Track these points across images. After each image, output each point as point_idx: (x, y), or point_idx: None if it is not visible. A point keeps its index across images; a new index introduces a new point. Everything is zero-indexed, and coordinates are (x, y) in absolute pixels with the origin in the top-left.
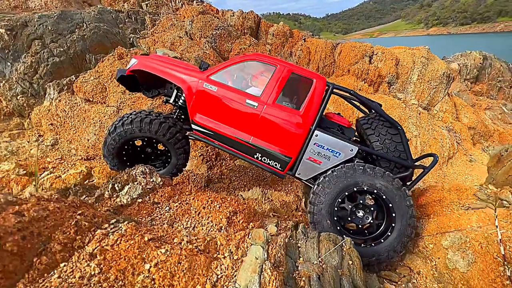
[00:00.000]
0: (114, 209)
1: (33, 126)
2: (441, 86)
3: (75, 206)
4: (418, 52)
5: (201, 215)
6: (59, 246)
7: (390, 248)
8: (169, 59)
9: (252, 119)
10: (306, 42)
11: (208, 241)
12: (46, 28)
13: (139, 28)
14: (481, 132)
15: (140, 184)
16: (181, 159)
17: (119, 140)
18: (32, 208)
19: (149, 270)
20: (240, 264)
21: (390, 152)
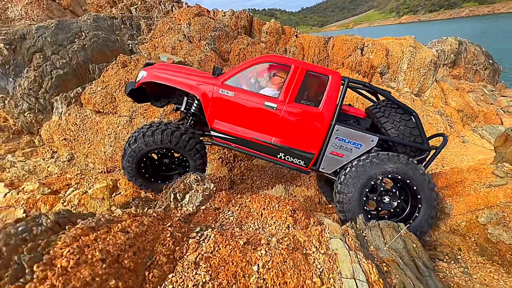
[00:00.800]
0: (184, 218)
1: (45, 142)
2: (429, 73)
3: (160, 219)
4: (405, 41)
5: (264, 216)
6: (164, 258)
7: (418, 228)
8: (177, 66)
9: (272, 120)
10: (298, 38)
11: (291, 239)
12: (46, 40)
13: (135, 34)
14: (468, 114)
15: (198, 192)
16: (200, 167)
17: (139, 151)
18: (133, 224)
19: (258, 271)
20: (336, 257)
21: (406, 137)
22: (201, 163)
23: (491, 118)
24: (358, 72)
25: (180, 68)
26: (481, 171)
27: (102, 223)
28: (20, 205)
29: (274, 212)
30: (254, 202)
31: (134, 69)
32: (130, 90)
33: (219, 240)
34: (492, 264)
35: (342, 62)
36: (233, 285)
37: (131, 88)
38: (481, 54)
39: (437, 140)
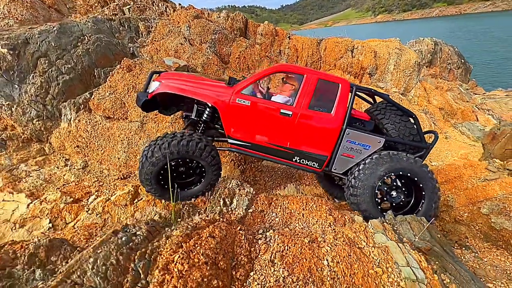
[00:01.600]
0: (238, 221)
1: (56, 150)
2: (413, 73)
3: (229, 223)
4: (391, 43)
5: (305, 216)
6: (245, 258)
7: (426, 214)
8: (187, 75)
9: (288, 126)
10: (291, 39)
11: (343, 236)
12: (50, 44)
13: (135, 37)
14: (448, 112)
15: (242, 196)
16: (216, 172)
17: (157, 164)
18: (216, 230)
19: (328, 265)
20: (387, 249)
21: (405, 136)
22: (217, 169)
23: (468, 115)
24: (349, 73)
25: (191, 77)
26: (476, 166)
27: (192, 229)
28: (45, 215)
29: (313, 212)
30: (293, 203)
31: (140, 73)
32: (143, 102)
33: (285, 240)
34: (497, 248)
35: (334, 64)
36: (309, 278)
37: (144, 100)
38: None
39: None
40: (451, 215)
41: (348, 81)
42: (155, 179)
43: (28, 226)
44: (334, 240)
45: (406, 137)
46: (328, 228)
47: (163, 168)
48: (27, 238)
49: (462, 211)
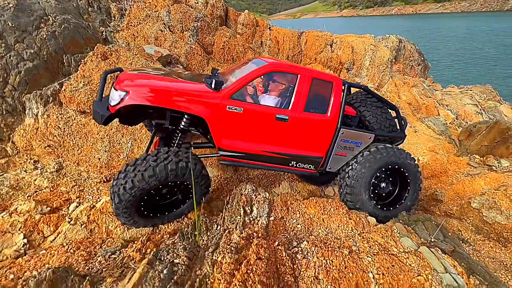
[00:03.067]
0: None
1: (21, 150)
2: (386, 70)
3: (263, 238)
4: (366, 40)
5: (326, 221)
6: (291, 277)
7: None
8: (157, 77)
9: (284, 131)
10: (272, 31)
11: (374, 243)
12: (6, 24)
13: (106, 20)
14: (415, 107)
15: (259, 202)
16: (205, 190)
17: (140, 193)
18: (261, 250)
19: (374, 277)
20: (421, 255)
21: (386, 127)
22: (207, 186)
23: (431, 110)
24: (329, 68)
25: (161, 78)
26: (459, 162)
27: (235, 252)
28: (17, 229)
29: (333, 216)
30: (310, 207)
31: (117, 62)
32: (105, 118)
33: (323, 252)
34: (490, 241)
35: (315, 58)
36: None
37: (107, 116)
38: (415, 51)
39: None
40: (441, 209)
41: (340, 78)
42: (136, 209)
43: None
44: (369, 249)
45: (386, 128)
46: (353, 233)
47: (146, 195)
48: None
49: (451, 205)
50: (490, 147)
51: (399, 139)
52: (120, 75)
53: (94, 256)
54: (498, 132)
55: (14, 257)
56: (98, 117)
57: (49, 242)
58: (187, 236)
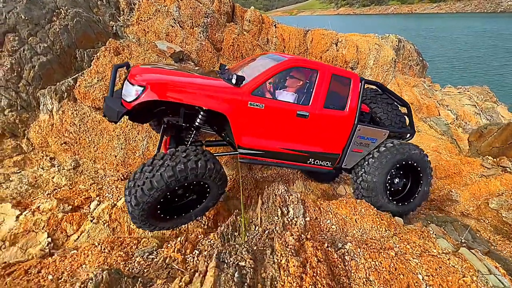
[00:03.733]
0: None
1: (36, 147)
2: (390, 69)
3: (312, 239)
4: (371, 39)
5: (359, 222)
6: (346, 279)
7: (421, 200)
8: (171, 72)
9: (303, 128)
10: (277, 28)
11: (414, 244)
12: (19, 17)
13: (116, 14)
14: (416, 106)
15: (293, 203)
16: (221, 190)
17: (158, 195)
18: (318, 252)
19: (423, 279)
20: (463, 256)
21: (396, 124)
22: (224, 185)
23: (432, 110)
24: None
25: (176, 73)
26: (472, 163)
27: (296, 254)
28: (41, 228)
29: (364, 216)
30: (341, 208)
31: (129, 57)
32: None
33: (369, 253)
34: (510, 241)
35: (320, 56)
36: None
37: (123, 112)
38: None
39: None
40: (457, 209)
41: (357, 74)
42: (153, 213)
43: (22, 243)
44: (412, 250)
45: (396, 125)
46: (388, 234)
47: (164, 197)
48: (22, 257)
49: (468, 206)
50: (502, 149)
51: (408, 135)
52: (132, 69)
53: (132, 256)
54: (511, 134)
55: (39, 256)
56: (113, 114)
57: (72, 241)
58: (227, 237)
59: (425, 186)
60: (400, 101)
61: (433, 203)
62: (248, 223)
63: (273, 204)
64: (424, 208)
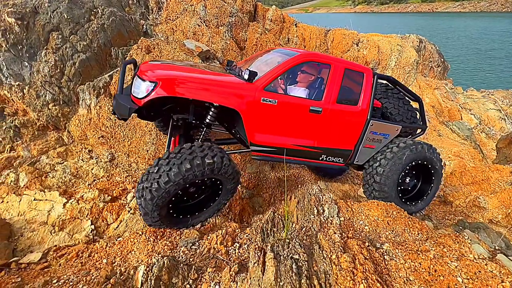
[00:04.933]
0: (342, 231)
1: (76, 140)
2: (412, 71)
3: (352, 238)
4: (393, 40)
5: (391, 224)
6: (388, 277)
7: (429, 201)
8: (181, 67)
9: (316, 124)
10: (298, 27)
11: (450, 248)
12: (62, 16)
13: (146, 13)
14: (438, 110)
15: (327, 203)
16: (233, 189)
17: (173, 191)
18: (363, 250)
19: (463, 281)
20: (500, 262)
21: (407, 120)
22: (237, 184)
23: (454, 114)
24: None
25: (186, 69)
26: (501, 170)
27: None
28: (85, 216)
29: (396, 219)
30: (372, 210)
31: (160, 55)
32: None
33: (410, 255)
34: None
35: (341, 56)
36: None
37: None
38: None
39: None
40: (485, 216)
41: (370, 69)
42: (165, 209)
43: (69, 228)
44: (449, 254)
45: (407, 120)
46: (421, 237)
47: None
48: (69, 242)
49: (496, 213)
50: None
51: (420, 130)
52: (141, 65)
53: (177, 246)
54: None
55: (85, 242)
56: (124, 111)
57: (112, 229)
58: (267, 232)
59: (436, 186)
60: (412, 96)
61: (458, 209)
62: (289, 221)
63: (308, 203)
64: (448, 214)
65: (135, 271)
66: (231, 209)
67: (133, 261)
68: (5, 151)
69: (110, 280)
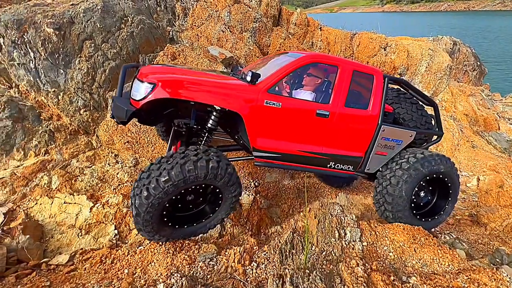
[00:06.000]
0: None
1: (104, 144)
2: (444, 77)
3: (376, 270)
4: (424, 44)
5: (418, 252)
6: None
7: (445, 218)
8: (181, 70)
9: (324, 128)
10: (323, 31)
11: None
12: (95, 25)
13: (172, 19)
14: (472, 118)
15: (349, 225)
16: (235, 199)
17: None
18: (382, 278)
19: None
20: None
21: (422, 126)
22: (238, 193)
23: (490, 124)
24: None
25: (187, 72)
26: None
27: None
28: (109, 220)
29: (424, 246)
30: (398, 234)
31: (184, 62)
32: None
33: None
34: None
35: (367, 61)
36: None
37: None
38: (471, 55)
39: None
40: None
41: (381, 71)
42: (157, 219)
43: (94, 232)
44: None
45: (422, 126)
46: (452, 270)
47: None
48: (94, 245)
49: None
50: None
51: (436, 137)
52: (141, 68)
53: (195, 260)
54: None
55: (108, 246)
56: (121, 113)
57: (134, 235)
58: (285, 254)
59: (453, 202)
60: (426, 100)
61: (494, 232)
62: (309, 245)
63: (329, 224)
64: (482, 237)
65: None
66: (249, 219)
67: (152, 273)
68: (41, 154)
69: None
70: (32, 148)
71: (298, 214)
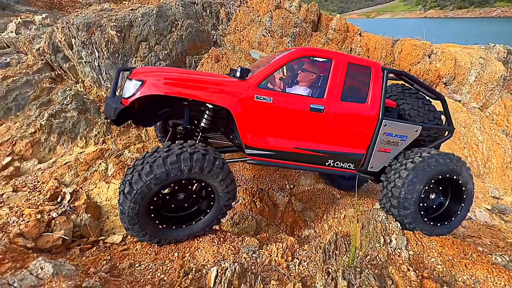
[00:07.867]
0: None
1: (151, 138)
2: (497, 88)
3: (427, 278)
4: (474, 52)
5: (469, 268)
6: None
7: (459, 222)
8: (173, 70)
9: (319, 124)
10: (362, 37)
11: None
12: (150, 29)
13: (216, 23)
14: None
15: (395, 232)
16: (230, 199)
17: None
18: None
19: None
20: None
21: (430, 121)
22: (232, 191)
23: None
24: (424, 81)
25: (177, 71)
26: None
27: None
28: None
29: (476, 263)
30: (447, 247)
31: (227, 64)
32: (119, 111)
33: None
34: None
35: (409, 69)
36: None
37: (121, 109)
38: None
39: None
40: None
41: (379, 63)
42: (144, 217)
43: None
44: None
45: (430, 122)
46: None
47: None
48: None
49: None
50: None
51: (448, 133)
52: (135, 69)
53: (238, 252)
54: None
55: None
56: (110, 111)
57: None
58: (329, 254)
59: (468, 205)
60: (433, 94)
61: None
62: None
63: (374, 230)
64: None
65: (207, 271)
66: (282, 219)
67: (200, 259)
68: (99, 143)
69: (189, 275)
70: (92, 137)
71: (333, 220)
